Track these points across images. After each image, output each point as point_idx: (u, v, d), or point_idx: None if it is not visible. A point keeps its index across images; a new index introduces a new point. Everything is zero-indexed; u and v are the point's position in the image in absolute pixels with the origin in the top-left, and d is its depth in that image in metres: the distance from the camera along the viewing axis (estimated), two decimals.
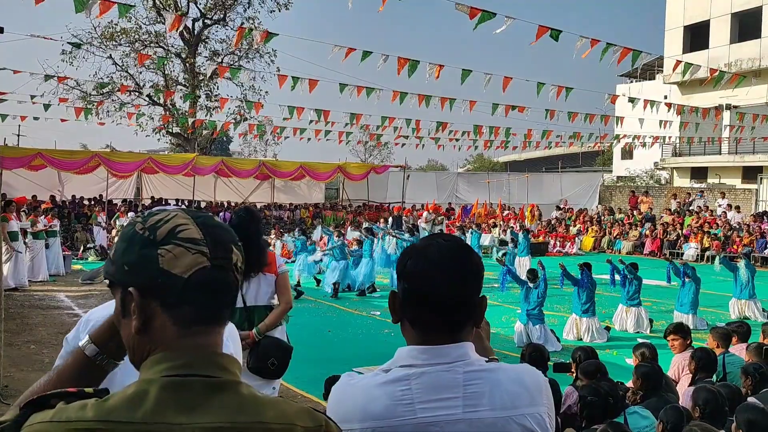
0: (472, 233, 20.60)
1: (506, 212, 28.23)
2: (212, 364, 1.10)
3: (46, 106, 19.71)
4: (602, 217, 26.99)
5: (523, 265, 15.48)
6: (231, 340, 2.03)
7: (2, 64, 15.27)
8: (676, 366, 5.80)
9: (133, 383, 1.07)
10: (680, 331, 6.15)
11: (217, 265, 1.13)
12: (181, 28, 17.16)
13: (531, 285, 9.64)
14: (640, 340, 9.70)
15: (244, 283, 4.33)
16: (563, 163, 48.42)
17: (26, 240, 14.13)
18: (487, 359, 1.67)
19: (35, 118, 21.57)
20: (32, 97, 19.32)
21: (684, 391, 5.14)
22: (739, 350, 6.15)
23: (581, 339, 9.71)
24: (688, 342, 6.07)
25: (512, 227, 22.62)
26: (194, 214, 1.18)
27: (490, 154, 49.37)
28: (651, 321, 10.71)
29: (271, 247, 17.44)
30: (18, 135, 42.46)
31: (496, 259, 14.32)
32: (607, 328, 10.45)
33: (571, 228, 26.37)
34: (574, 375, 5.55)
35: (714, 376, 5.69)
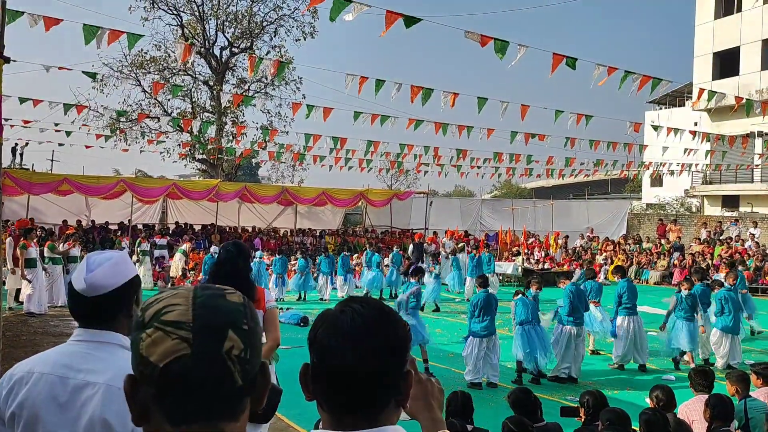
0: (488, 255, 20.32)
1: (530, 240, 27.82)
2: None
3: (68, 133, 20.09)
4: (623, 246, 26.43)
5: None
6: None
7: (26, 92, 15.58)
8: (683, 413, 5.47)
9: None
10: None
11: (198, 354, 0.97)
12: (193, 58, 17.41)
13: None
14: (665, 378, 9.46)
15: None
16: (591, 189, 47.75)
17: (45, 265, 14.28)
18: None
19: (60, 144, 22.03)
20: (56, 124, 19.72)
21: None
22: (763, 394, 5.81)
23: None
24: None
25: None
26: (202, 289, 1.05)
27: (516, 180, 49.00)
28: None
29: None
30: (52, 160, 43.45)
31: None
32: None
33: (597, 256, 25.86)
34: (582, 419, 5.28)
35: (736, 422, 5.36)
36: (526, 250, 25.54)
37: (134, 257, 19.12)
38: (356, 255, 22.52)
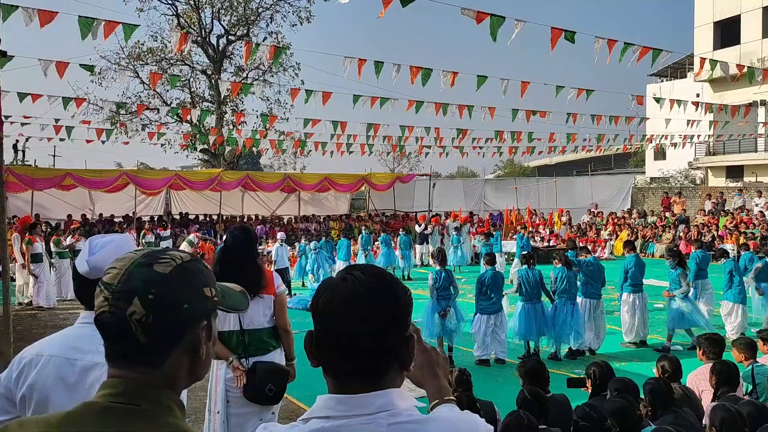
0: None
1: (535, 218, 27.81)
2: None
3: (69, 129, 20.09)
4: (628, 220, 26.38)
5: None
6: None
7: (24, 88, 15.56)
8: (692, 382, 5.50)
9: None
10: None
11: (111, 313, 1.20)
12: (189, 47, 17.34)
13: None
14: (676, 348, 9.48)
15: None
16: (595, 165, 47.61)
17: (51, 260, 14.36)
18: (438, 401, 1.49)
19: (61, 140, 22.03)
20: (57, 120, 19.73)
21: (707, 407, 4.86)
22: None
23: None
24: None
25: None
26: (143, 255, 1.25)
27: (519, 159, 48.87)
28: None
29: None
30: (54, 156, 43.51)
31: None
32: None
33: (602, 232, 25.85)
34: (589, 390, 5.31)
35: (744, 388, 5.38)
36: (530, 228, 25.54)
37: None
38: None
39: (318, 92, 13.46)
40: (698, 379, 5.46)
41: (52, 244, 14.73)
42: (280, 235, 15.69)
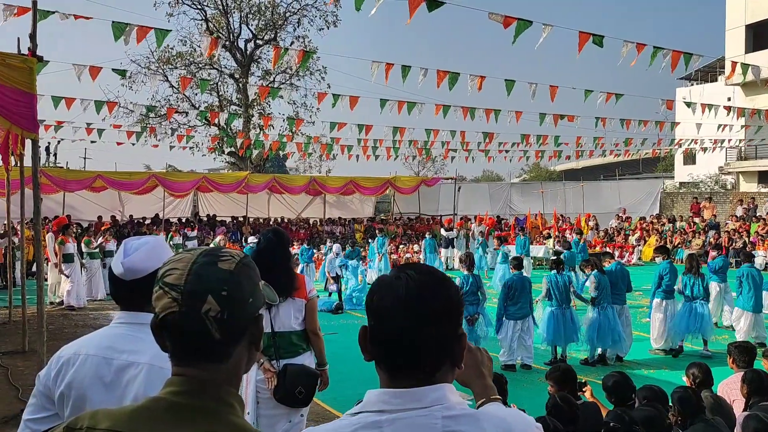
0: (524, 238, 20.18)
1: (561, 222, 27.56)
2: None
3: (100, 132, 20.45)
4: (656, 225, 26.01)
5: None
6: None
7: (56, 92, 15.86)
8: (722, 391, 5.41)
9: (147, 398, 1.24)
10: None
11: (183, 312, 1.22)
12: (219, 51, 17.55)
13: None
14: (704, 353, 9.33)
15: (273, 308, 4.14)
16: (622, 170, 47.04)
17: (82, 260, 14.62)
18: (485, 400, 1.52)
19: (92, 142, 22.43)
20: (88, 124, 20.08)
21: (738, 417, 4.78)
22: None
23: None
24: None
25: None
26: (202, 255, 1.28)
27: (545, 163, 48.51)
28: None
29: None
30: (84, 158, 44.29)
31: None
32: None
33: (630, 237, 25.53)
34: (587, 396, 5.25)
35: None
36: (557, 233, 25.32)
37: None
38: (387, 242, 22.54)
39: (345, 96, 13.53)
40: (729, 388, 5.38)
41: (82, 245, 14.99)
42: (335, 247, 15.84)
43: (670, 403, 4.65)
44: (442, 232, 22.66)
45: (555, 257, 10.89)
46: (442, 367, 1.34)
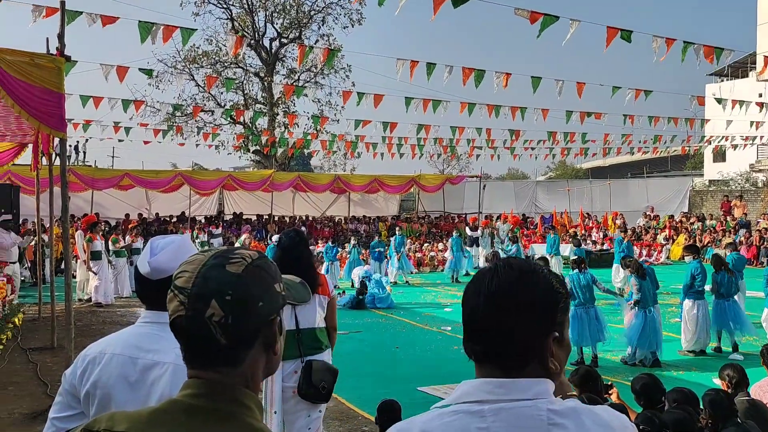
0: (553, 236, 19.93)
1: (587, 221, 27.27)
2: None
3: (127, 130, 20.71)
4: (686, 224, 25.57)
5: None
6: None
7: (86, 91, 16.08)
8: (755, 394, 5.26)
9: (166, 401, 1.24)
10: None
11: (189, 316, 1.20)
12: (244, 50, 17.65)
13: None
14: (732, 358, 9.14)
15: (297, 305, 4.19)
16: (650, 167, 46.37)
17: (109, 258, 14.81)
18: (562, 396, 1.49)
19: (120, 141, 22.73)
20: (116, 123, 20.35)
21: None
22: None
23: None
24: None
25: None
26: (213, 257, 1.25)
27: (571, 161, 48.02)
28: None
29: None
30: (112, 156, 44.88)
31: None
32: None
33: (658, 236, 25.17)
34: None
35: None
36: (583, 231, 25.06)
37: None
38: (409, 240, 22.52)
39: (369, 95, 13.52)
40: (762, 390, 5.24)
41: (110, 243, 15.18)
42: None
43: (701, 406, 4.54)
44: (467, 231, 22.53)
45: (576, 256, 10.73)
46: (531, 362, 1.30)
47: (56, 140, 8.63)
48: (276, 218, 27.03)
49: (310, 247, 4.60)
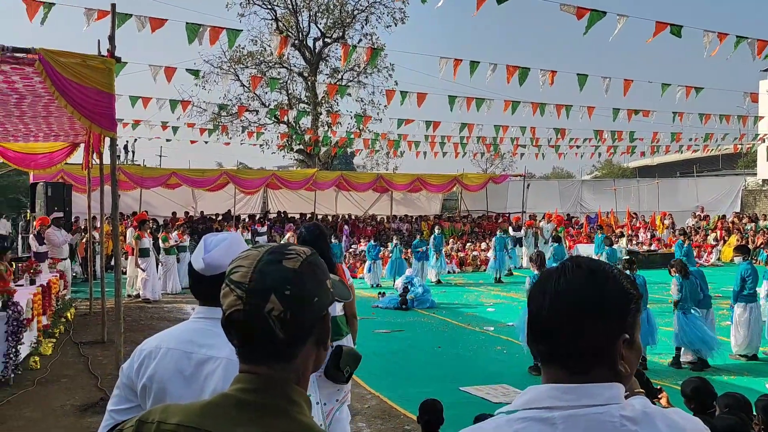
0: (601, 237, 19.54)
1: (635, 221, 26.70)
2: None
3: (175, 129, 21.15)
4: (737, 224, 24.80)
5: None
6: None
7: (135, 91, 16.48)
8: None
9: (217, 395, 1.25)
10: None
11: (247, 311, 1.21)
12: (289, 50, 17.86)
13: None
14: None
15: None
16: (700, 166, 45.15)
17: (159, 256, 15.18)
18: (629, 393, 1.42)
19: (167, 140, 23.23)
20: (164, 123, 20.81)
21: None
22: None
23: None
24: None
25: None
26: (268, 252, 1.26)
27: (617, 159, 47.07)
28: None
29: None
30: (160, 156, 45.87)
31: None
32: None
33: (708, 236, 24.48)
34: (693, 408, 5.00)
35: None
36: (630, 232, 24.55)
37: None
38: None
39: (413, 93, 13.48)
40: None
41: (160, 242, 15.56)
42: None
43: (754, 413, 4.40)
44: (510, 231, 22.30)
45: (627, 257, 10.51)
46: (599, 365, 1.25)
47: (107, 140, 8.87)
48: (319, 217, 27.24)
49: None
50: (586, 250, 19.89)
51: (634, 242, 23.46)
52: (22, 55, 6.53)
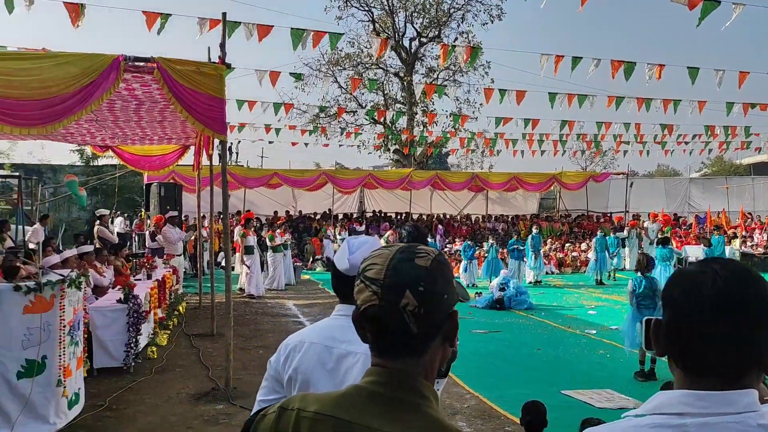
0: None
1: (749, 221, 25.11)
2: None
3: (277, 131, 21.87)
4: None
5: None
6: None
7: (238, 95, 17.21)
8: None
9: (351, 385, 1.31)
10: None
11: (382, 306, 1.26)
12: (388, 51, 18.05)
13: None
14: None
15: None
16: None
17: (265, 253, 15.84)
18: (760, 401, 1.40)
19: (270, 142, 24.04)
20: (266, 126, 21.58)
21: None
22: None
23: None
24: None
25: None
26: (399, 251, 1.32)
27: (729, 156, 44.35)
28: None
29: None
30: (261, 157, 47.58)
31: None
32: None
33: None
34: None
35: None
36: (744, 233, 23.12)
37: (335, 244, 20.34)
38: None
39: (512, 91, 13.30)
40: None
41: (267, 241, 16.21)
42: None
43: None
44: (611, 232, 21.54)
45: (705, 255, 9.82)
46: (749, 372, 1.23)
47: (216, 142, 9.32)
48: (414, 216, 27.37)
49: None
50: (695, 252, 18.91)
51: (748, 244, 22.09)
52: (142, 64, 6.96)
